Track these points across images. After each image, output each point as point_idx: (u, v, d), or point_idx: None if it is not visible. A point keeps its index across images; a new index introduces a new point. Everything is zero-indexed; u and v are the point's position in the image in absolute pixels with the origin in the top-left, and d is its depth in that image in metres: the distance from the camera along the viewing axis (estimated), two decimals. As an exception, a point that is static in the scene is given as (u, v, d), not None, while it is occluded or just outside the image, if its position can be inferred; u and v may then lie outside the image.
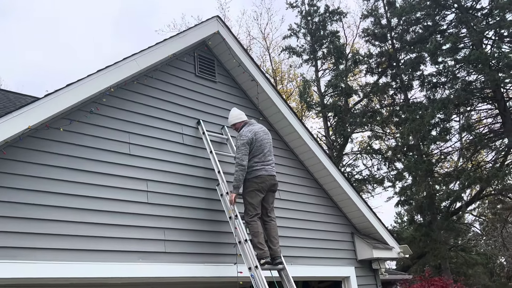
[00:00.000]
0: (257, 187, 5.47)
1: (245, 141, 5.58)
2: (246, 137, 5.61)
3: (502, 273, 37.60)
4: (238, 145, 5.62)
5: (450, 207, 22.13)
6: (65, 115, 5.06)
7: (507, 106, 20.02)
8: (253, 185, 5.48)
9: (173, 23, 50.95)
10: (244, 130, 5.73)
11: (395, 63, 24.03)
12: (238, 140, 5.67)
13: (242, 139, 5.61)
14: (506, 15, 19.24)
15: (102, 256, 4.93)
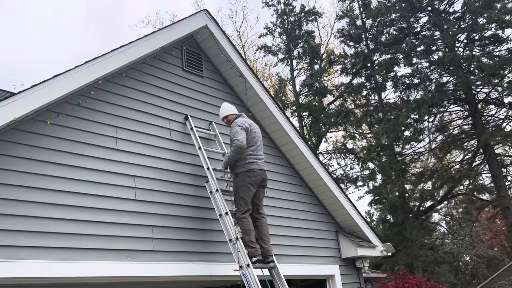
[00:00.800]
0: (250, 181, 5.38)
1: (242, 127, 5.52)
2: (243, 125, 5.55)
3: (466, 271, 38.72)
4: (236, 130, 5.52)
5: (421, 207, 22.57)
6: (51, 108, 4.84)
7: (478, 108, 20.53)
8: (246, 178, 5.38)
9: (147, 19, 50.29)
10: (239, 120, 5.66)
11: (370, 64, 24.33)
12: (235, 126, 5.59)
13: (238, 125, 5.56)
14: (478, 19, 19.73)
15: (88, 254, 4.73)
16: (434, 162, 20.79)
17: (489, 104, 22.12)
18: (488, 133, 18.55)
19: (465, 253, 30.77)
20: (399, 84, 22.31)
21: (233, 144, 5.51)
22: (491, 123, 20.77)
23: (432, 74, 21.09)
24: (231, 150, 5.56)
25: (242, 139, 5.43)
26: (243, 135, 5.48)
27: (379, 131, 20.47)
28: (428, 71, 21.01)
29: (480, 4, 19.09)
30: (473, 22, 19.67)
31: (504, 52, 20.80)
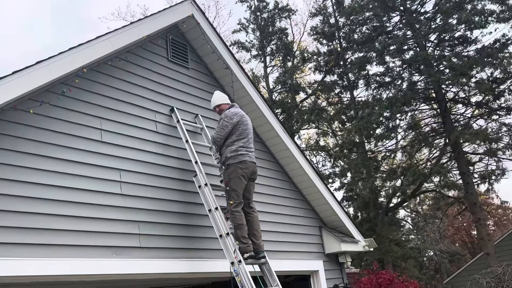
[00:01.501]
0: (242, 173, 5.25)
1: (229, 123, 5.43)
2: (232, 120, 5.44)
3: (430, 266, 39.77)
4: (222, 125, 5.45)
5: (389, 203, 22.94)
6: (33, 96, 4.55)
7: (447, 107, 20.98)
8: (238, 170, 5.24)
9: (118, 11, 49.18)
10: (231, 110, 5.52)
11: (342, 62, 24.51)
12: (224, 120, 5.47)
13: (227, 120, 5.44)
14: (449, 19, 20.14)
15: (71, 251, 4.49)
16: (405, 159, 21.12)
17: (458, 103, 22.63)
18: (458, 131, 18.98)
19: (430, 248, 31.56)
20: (371, 82, 22.56)
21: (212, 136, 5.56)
22: (460, 121, 21.26)
23: (404, 73, 21.41)
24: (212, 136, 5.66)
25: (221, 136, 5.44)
26: (223, 134, 5.45)
27: (352, 128, 20.64)
28: (400, 70, 21.32)
29: (451, 5, 19.49)
30: (444, 22, 20.05)
31: (472, 53, 21.31)
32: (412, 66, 19.95)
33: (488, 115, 21.99)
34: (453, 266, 35.77)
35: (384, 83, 21.56)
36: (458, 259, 36.71)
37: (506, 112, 21.87)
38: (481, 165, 21.22)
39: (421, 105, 21.64)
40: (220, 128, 5.39)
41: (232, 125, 5.39)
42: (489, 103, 21.80)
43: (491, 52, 19.33)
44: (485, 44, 21.11)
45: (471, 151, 21.09)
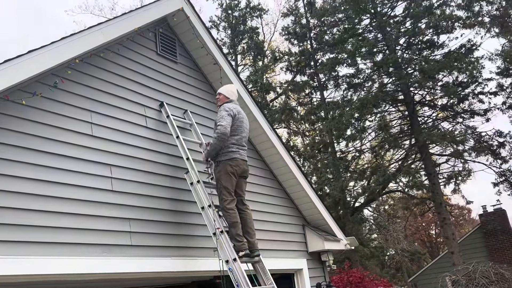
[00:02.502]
0: (232, 170, 5.14)
1: (229, 113, 5.27)
2: (232, 111, 5.30)
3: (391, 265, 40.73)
4: (223, 115, 5.25)
5: (356, 202, 23.33)
6: (23, 87, 4.34)
7: (415, 109, 21.49)
8: (227, 167, 5.14)
9: (85, 4, 47.94)
10: (229, 104, 5.40)
11: (313, 62, 24.71)
12: (223, 111, 5.31)
13: (227, 110, 5.29)
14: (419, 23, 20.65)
15: (60, 249, 4.29)
16: (374, 160, 21.50)
17: (424, 105, 23.21)
18: (426, 133, 19.47)
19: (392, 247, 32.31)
20: (342, 84, 22.85)
21: (216, 129, 5.23)
22: (428, 123, 21.82)
23: (374, 75, 21.79)
24: (213, 137, 5.27)
25: (226, 125, 5.16)
26: (228, 121, 5.20)
27: (323, 128, 20.84)
28: (371, 71, 21.68)
29: (422, 9, 19.97)
30: (414, 26, 20.53)
31: (439, 57, 21.90)
32: (382, 68, 20.32)
33: (453, 118, 22.68)
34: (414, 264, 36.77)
35: (355, 85, 21.87)
36: (418, 258, 37.67)
37: (470, 115, 22.63)
38: (446, 167, 21.87)
39: (390, 107, 22.08)
40: (223, 117, 5.20)
41: (232, 116, 5.27)
42: (453, 106, 22.49)
43: (458, 56, 19.92)
44: (451, 49, 21.78)
45: (437, 152, 21.67)
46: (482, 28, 21.54)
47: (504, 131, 21.68)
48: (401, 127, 21.45)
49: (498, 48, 23.00)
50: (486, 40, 38.39)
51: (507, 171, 22.09)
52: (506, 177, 22.28)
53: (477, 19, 21.30)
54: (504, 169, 22.01)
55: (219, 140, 5.16)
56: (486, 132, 22.42)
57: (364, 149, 22.20)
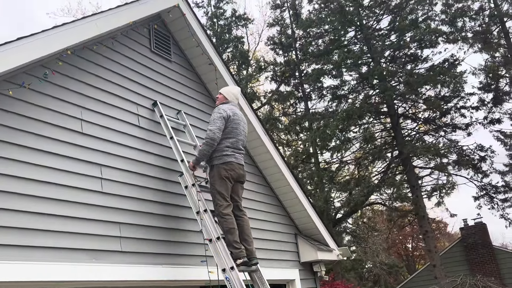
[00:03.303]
0: (226, 174, 4.87)
1: (222, 115, 5.01)
2: (225, 112, 5.04)
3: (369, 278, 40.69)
4: (214, 118, 5.01)
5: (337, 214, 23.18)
6: (8, 78, 4.01)
7: (399, 122, 21.56)
8: (222, 171, 4.87)
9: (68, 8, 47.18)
10: (224, 105, 5.14)
11: (298, 73, 24.66)
12: (215, 113, 5.06)
13: (219, 112, 5.03)
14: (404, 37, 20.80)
15: (46, 254, 3.95)
16: (359, 171, 21.43)
17: (408, 118, 23.32)
18: (410, 145, 19.49)
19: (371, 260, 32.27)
20: (327, 94, 22.81)
21: (206, 135, 4.99)
22: (412, 136, 21.90)
23: (359, 87, 21.82)
24: (203, 142, 5.01)
25: (214, 129, 4.91)
26: (218, 125, 4.94)
27: (307, 138, 20.70)
28: (356, 83, 21.71)
29: (407, 23, 20.12)
30: (399, 39, 20.67)
31: (423, 71, 22.08)
32: (368, 80, 20.36)
33: (435, 131, 22.84)
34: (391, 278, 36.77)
35: (339, 96, 21.86)
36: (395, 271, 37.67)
37: (452, 129, 22.82)
38: (429, 179, 21.93)
39: (375, 119, 22.10)
40: (214, 121, 4.97)
41: (225, 118, 5.01)
42: (436, 120, 22.66)
43: (443, 70, 20.11)
44: (434, 63, 21.99)
45: (420, 165, 21.72)
46: (465, 43, 21.84)
47: (486, 146, 21.94)
48: (385, 139, 21.46)
49: (482, 63, 23.30)
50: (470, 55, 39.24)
51: (488, 185, 22.29)
52: (487, 191, 22.48)
53: (460, 34, 21.59)
54: (485, 183, 22.22)
55: (206, 145, 4.91)
56: (468, 146, 22.67)
57: (348, 160, 22.12)
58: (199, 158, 4.99)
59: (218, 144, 4.94)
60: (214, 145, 4.92)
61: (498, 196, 22.71)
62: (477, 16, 21.88)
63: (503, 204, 22.71)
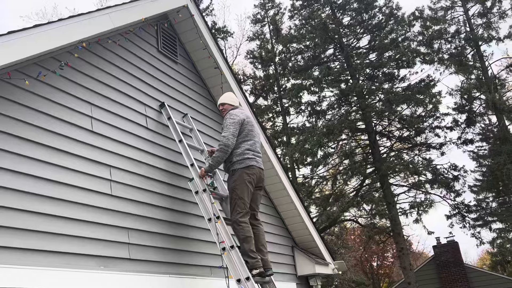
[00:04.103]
0: (249, 179, 4.66)
1: (236, 120, 4.81)
2: (238, 117, 4.85)
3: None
4: (227, 124, 4.80)
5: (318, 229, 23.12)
6: (20, 68, 3.72)
7: (376, 139, 21.80)
8: (244, 176, 4.65)
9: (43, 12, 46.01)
10: (235, 111, 4.95)
11: (277, 87, 24.71)
12: (228, 119, 4.86)
13: (232, 118, 4.83)
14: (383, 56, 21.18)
15: (51, 259, 3.61)
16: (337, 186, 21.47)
17: (384, 136, 23.63)
18: (388, 162, 19.70)
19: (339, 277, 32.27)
20: (306, 109, 22.89)
21: (219, 142, 4.79)
22: (389, 153, 22.15)
23: (337, 103, 22.00)
24: (217, 149, 4.82)
25: (228, 136, 4.73)
26: (232, 130, 4.76)
27: (286, 153, 20.64)
28: (335, 99, 21.89)
29: (388, 42, 20.51)
30: (379, 58, 21.03)
31: (399, 89, 22.48)
32: (348, 96, 20.56)
33: (410, 150, 23.19)
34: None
35: (318, 111, 21.97)
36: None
37: (426, 148, 23.23)
38: (404, 197, 22.19)
39: (353, 136, 22.28)
40: (227, 127, 4.78)
41: (239, 122, 4.83)
42: (411, 139, 23.04)
43: (421, 90, 20.51)
44: (411, 83, 22.44)
45: (396, 183, 21.97)
46: (441, 64, 22.41)
47: (459, 165, 22.41)
48: (364, 156, 21.63)
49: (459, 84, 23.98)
50: (448, 77, 40.38)
51: (461, 204, 22.72)
52: (459, 210, 22.89)
53: (437, 56, 22.15)
54: (458, 202, 22.63)
55: (221, 152, 4.72)
56: (442, 165, 23.10)
57: (326, 175, 22.15)
58: (213, 165, 4.78)
59: (237, 148, 4.75)
60: (228, 151, 4.72)
61: (470, 215, 23.22)
62: (453, 39, 22.56)
63: (474, 223, 23.23)
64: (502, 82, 22.12)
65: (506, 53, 23.98)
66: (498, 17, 21.68)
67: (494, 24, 21.63)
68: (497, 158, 18.92)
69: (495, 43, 21.33)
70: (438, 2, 22.92)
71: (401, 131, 23.19)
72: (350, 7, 22.83)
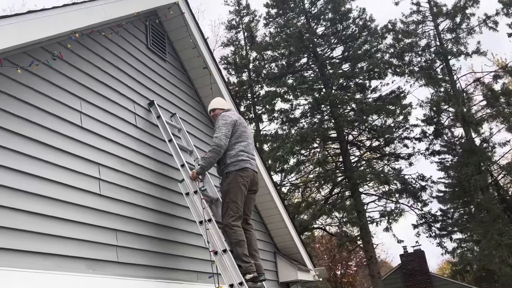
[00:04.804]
0: (243, 182, 4.54)
1: (228, 121, 4.72)
2: (230, 118, 4.76)
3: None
4: (219, 125, 4.70)
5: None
6: (8, 56, 3.49)
7: (348, 148, 22.03)
8: (238, 178, 4.52)
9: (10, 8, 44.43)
10: (227, 112, 4.84)
11: (251, 94, 24.67)
12: (220, 120, 4.76)
13: (224, 119, 4.74)
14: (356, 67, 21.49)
15: (38, 260, 3.38)
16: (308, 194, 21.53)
17: (354, 145, 23.93)
18: (360, 171, 19.92)
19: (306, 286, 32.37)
20: (278, 117, 22.93)
21: (212, 142, 4.67)
22: (360, 162, 22.41)
23: (311, 111, 22.14)
24: (209, 149, 4.69)
25: (221, 136, 4.62)
26: (224, 131, 4.66)
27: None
28: (308, 107, 22.02)
29: (361, 53, 20.82)
30: (353, 68, 21.31)
31: (371, 100, 22.83)
32: (321, 105, 20.71)
33: (380, 160, 23.55)
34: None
35: (292, 119, 22.05)
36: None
37: (395, 158, 23.63)
38: (374, 206, 22.45)
39: (325, 144, 22.44)
40: (219, 128, 4.66)
41: (231, 123, 4.72)
42: (380, 149, 23.40)
43: (392, 101, 20.88)
44: (382, 94, 22.83)
45: (367, 191, 22.22)
46: (412, 77, 22.91)
47: (426, 176, 22.88)
48: (335, 164, 21.80)
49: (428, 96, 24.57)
50: (418, 89, 41.32)
51: (428, 213, 23.17)
52: (426, 220, 23.34)
53: (408, 68, 22.64)
54: (425, 212, 23.08)
55: (213, 153, 4.59)
56: (411, 175, 23.55)
57: (298, 183, 22.19)
58: (205, 167, 4.63)
59: (231, 150, 4.63)
60: (221, 152, 4.60)
61: (436, 225, 23.71)
62: (424, 52, 23.11)
63: (440, 232, 23.72)
64: (469, 96, 22.77)
65: (472, 68, 24.81)
66: (466, 33, 22.36)
67: (462, 40, 22.30)
68: (464, 169, 19.39)
69: (464, 58, 21.97)
70: (410, 16, 23.47)
71: (371, 140, 23.56)
72: (324, 17, 23.11)
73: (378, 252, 43.21)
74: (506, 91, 20.85)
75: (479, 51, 21.96)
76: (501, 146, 21.86)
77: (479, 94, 22.93)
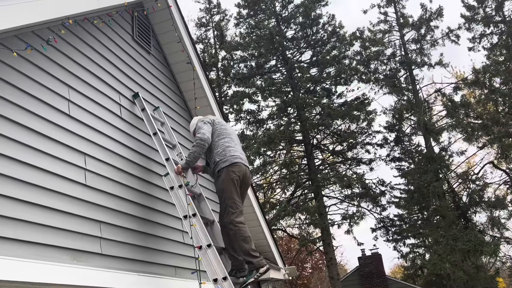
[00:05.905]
0: (235, 177, 4.56)
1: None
2: (207, 118, 4.90)
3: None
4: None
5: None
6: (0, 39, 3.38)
7: (313, 151, 22.36)
8: (230, 174, 4.54)
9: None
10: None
11: (219, 93, 24.64)
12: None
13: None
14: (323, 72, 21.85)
15: (22, 249, 3.28)
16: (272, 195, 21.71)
17: (318, 149, 24.32)
18: (324, 174, 20.26)
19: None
20: (245, 117, 23.01)
21: (195, 138, 4.70)
22: (324, 165, 22.78)
23: (278, 113, 22.34)
24: (193, 144, 4.71)
25: (204, 131, 4.70)
26: (206, 128, 4.76)
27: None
28: (276, 109, 22.21)
29: (330, 58, 21.19)
30: (320, 74, 21.66)
31: (336, 105, 23.28)
32: (289, 108, 20.94)
33: (342, 164, 24.03)
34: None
35: (259, 120, 22.17)
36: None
37: (357, 163, 24.18)
38: (335, 209, 22.89)
39: (291, 146, 22.69)
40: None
41: (210, 122, 4.81)
42: (343, 153, 23.89)
43: (358, 107, 21.35)
44: (347, 100, 23.30)
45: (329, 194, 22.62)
46: (377, 84, 23.53)
47: (386, 181, 23.53)
48: (299, 166, 22.08)
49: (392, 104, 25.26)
50: (382, 96, 42.33)
51: (386, 218, 23.82)
52: (384, 224, 23.99)
53: (374, 75, 23.23)
54: (384, 216, 23.72)
55: (197, 147, 4.62)
56: (371, 180, 24.13)
57: (263, 184, 22.32)
58: (190, 161, 4.63)
59: (217, 148, 4.66)
60: (205, 146, 4.62)
61: (393, 229, 24.39)
62: (389, 61, 23.79)
63: (396, 237, 24.42)
64: (430, 105, 23.60)
65: (433, 79, 25.75)
66: (430, 45, 23.16)
67: (426, 51, 23.09)
68: (424, 176, 20.06)
69: (427, 68, 22.76)
70: (377, 24, 24.10)
71: (335, 144, 24.02)
72: (295, 21, 23.38)
73: (336, 254, 44.15)
74: (465, 102, 21.74)
75: (442, 62, 22.80)
76: (458, 155, 22.80)
77: (439, 104, 23.83)
